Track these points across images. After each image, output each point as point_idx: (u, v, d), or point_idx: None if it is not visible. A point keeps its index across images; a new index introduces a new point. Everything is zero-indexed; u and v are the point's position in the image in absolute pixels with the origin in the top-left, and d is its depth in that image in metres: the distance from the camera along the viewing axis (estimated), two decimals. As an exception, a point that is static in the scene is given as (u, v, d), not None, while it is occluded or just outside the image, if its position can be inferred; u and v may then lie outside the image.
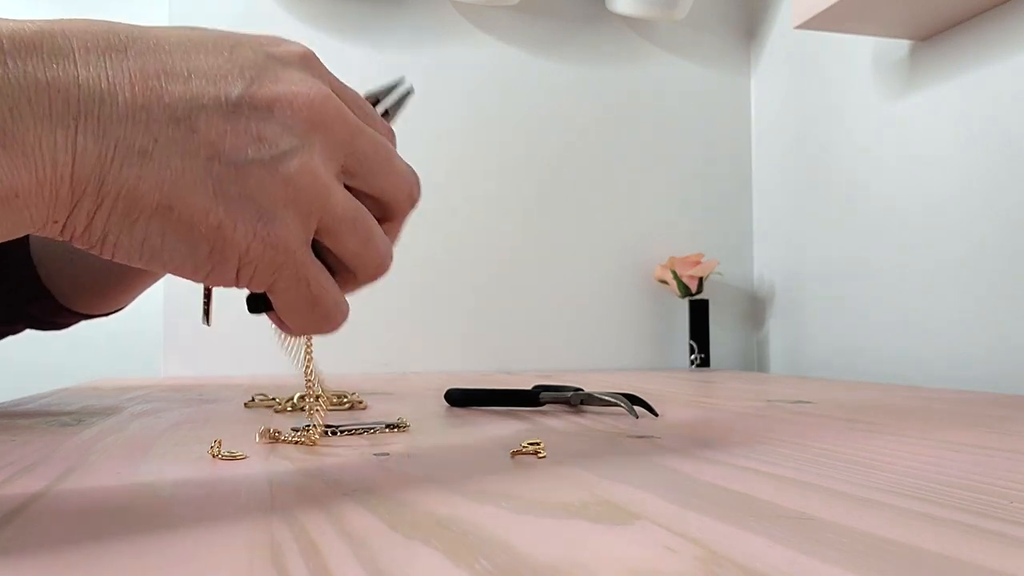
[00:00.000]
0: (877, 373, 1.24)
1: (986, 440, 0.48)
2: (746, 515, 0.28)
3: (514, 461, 0.40)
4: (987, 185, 1.06)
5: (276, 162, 0.30)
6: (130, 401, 0.78)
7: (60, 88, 0.27)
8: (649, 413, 0.60)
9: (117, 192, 0.28)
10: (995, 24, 1.05)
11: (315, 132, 0.31)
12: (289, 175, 0.30)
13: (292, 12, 1.42)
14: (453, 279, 1.46)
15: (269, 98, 0.30)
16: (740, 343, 1.60)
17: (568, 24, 1.54)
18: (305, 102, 0.31)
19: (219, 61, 0.31)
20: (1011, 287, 1.02)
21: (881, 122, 1.25)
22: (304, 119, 0.31)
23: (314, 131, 0.31)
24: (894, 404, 0.71)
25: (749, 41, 1.63)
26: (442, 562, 0.23)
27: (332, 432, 0.50)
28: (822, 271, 1.39)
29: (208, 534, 0.26)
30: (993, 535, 0.25)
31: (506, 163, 1.50)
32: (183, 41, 0.31)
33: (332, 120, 0.32)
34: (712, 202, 1.60)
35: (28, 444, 0.47)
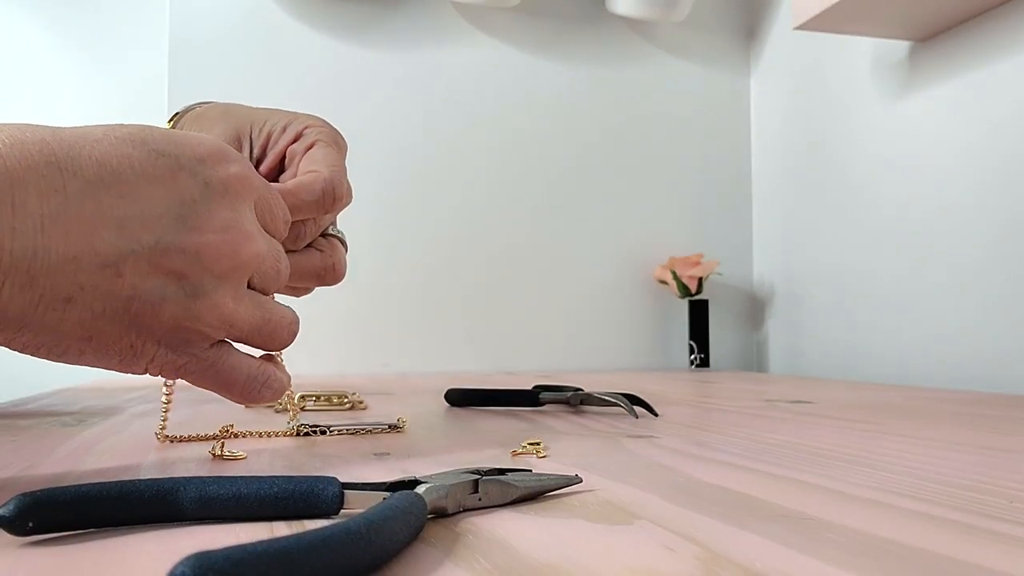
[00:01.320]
0: (877, 373, 1.24)
1: (986, 440, 0.48)
2: (746, 515, 0.28)
3: (514, 461, 0.40)
4: (987, 185, 1.06)
5: (190, 299, 0.32)
6: (131, 401, 0.78)
7: None
8: (649, 413, 0.60)
9: (37, 331, 0.29)
10: (995, 24, 1.05)
11: (232, 272, 0.33)
12: (200, 312, 0.32)
13: (292, 13, 1.42)
14: (453, 279, 1.46)
15: (197, 245, 0.31)
16: (740, 343, 1.60)
17: (568, 25, 1.54)
18: (230, 249, 0.33)
19: (156, 194, 0.31)
20: (1011, 287, 1.02)
21: (881, 122, 1.25)
22: (226, 264, 0.32)
23: (232, 271, 0.33)
24: (894, 404, 0.71)
25: (749, 41, 1.63)
26: (442, 561, 0.23)
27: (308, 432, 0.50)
28: (822, 271, 1.39)
29: (209, 533, 0.26)
30: (993, 535, 0.25)
31: (506, 164, 1.50)
32: (123, 167, 0.30)
33: (246, 261, 0.34)
34: (712, 202, 1.60)
35: (28, 444, 0.47)
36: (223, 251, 0.32)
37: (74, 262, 0.28)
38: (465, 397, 0.70)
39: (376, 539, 0.21)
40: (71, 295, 0.29)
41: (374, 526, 0.21)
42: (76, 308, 0.29)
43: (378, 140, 1.44)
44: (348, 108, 1.43)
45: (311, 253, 0.45)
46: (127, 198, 0.30)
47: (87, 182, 0.29)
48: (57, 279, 0.28)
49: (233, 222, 0.33)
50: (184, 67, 1.37)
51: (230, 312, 0.33)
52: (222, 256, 0.32)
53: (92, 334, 0.30)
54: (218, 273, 0.32)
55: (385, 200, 1.43)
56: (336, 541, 0.19)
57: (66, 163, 0.29)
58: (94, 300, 0.29)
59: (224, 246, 0.32)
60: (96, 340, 0.30)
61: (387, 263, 1.42)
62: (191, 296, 0.32)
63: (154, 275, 0.30)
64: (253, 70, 1.39)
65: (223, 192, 0.33)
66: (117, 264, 0.29)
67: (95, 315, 0.30)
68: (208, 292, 0.32)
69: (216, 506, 0.27)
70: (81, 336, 0.30)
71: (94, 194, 0.29)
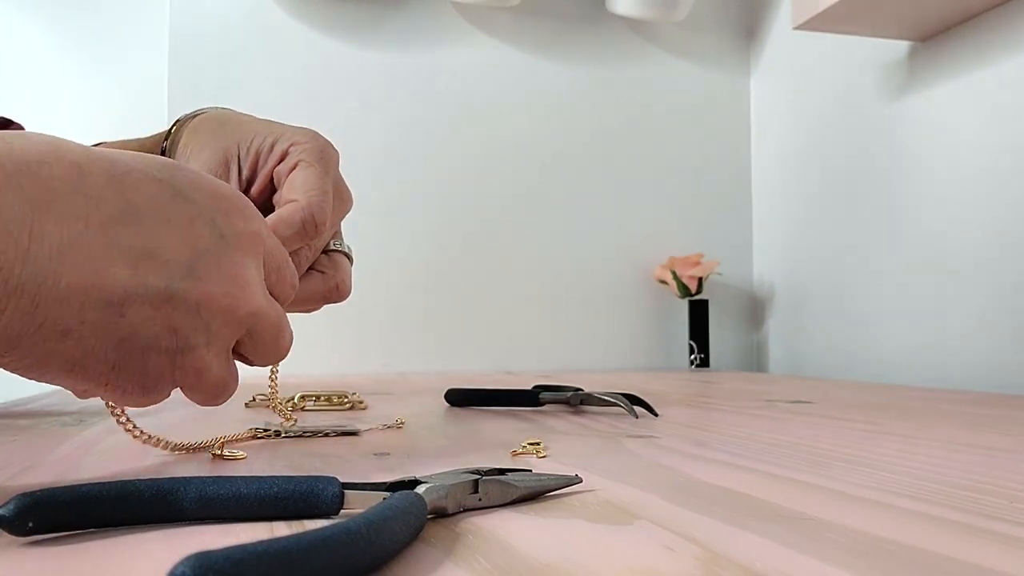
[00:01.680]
0: (877, 373, 1.24)
1: (986, 440, 0.48)
2: (746, 515, 0.28)
3: (514, 461, 0.40)
4: (987, 185, 1.06)
5: (176, 353, 0.31)
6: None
7: (3, 265, 0.26)
8: (649, 413, 0.60)
9: (23, 355, 0.29)
10: (995, 24, 1.05)
11: (224, 327, 0.33)
12: (183, 367, 0.32)
13: (292, 13, 1.42)
14: (453, 279, 1.46)
15: (199, 297, 0.31)
16: (740, 343, 1.60)
17: (568, 25, 1.54)
18: (230, 306, 0.32)
19: (172, 240, 0.31)
20: (1011, 287, 1.02)
21: (880, 122, 1.25)
22: (221, 321, 0.32)
23: (224, 327, 0.33)
24: (894, 404, 0.71)
25: (749, 41, 1.63)
26: (442, 561, 0.23)
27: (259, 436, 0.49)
28: (822, 271, 1.39)
29: (209, 534, 0.26)
30: (993, 535, 0.25)
31: (506, 163, 1.50)
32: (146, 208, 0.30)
33: (242, 317, 0.33)
34: (712, 202, 1.60)
35: (28, 444, 0.47)
36: (223, 304, 0.32)
37: (82, 294, 0.28)
38: (465, 397, 0.70)
39: (376, 539, 0.21)
40: (70, 328, 0.28)
41: (374, 526, 0.21)
42: (71, 342, 0.29)
43: (377, 140, 1.44)
44: (348, 108, 1.43)
45: (313, 276, 0.45)
46: (144, 237, 0.30)
47: (109, 216, 0.29)
48: (62, 310, 0.28)
49: (238, 277, 0.33)
50: (184, 67, 1.37)
51: (204, 370, 0.33)
52: (221, 310, 0.32)
53: (75, 368, 0.30)
54: (212, 328, 0.32)
55: (385, 200, 1.43)
56: (336, 541, 0.19)
57: (93, 191, 0.29)
58: (91, 336, 0.29)
59: (225, 299, 0.32)
60: (77, 371, 0.30)
61: (387, 263, 1.42)
62: (178, 351, 0.31)
63: (153, 322, 0.30)
64: (253, 70, 1.39)
65: (236, 246, 0.33)
66: (122, 304, 0.29)
67: (85, 351, 0.29)
68: (195, 348, 0.32)
69: (216, 506, 0.27)
70: (64, 368, 0.30)
71: (115, 228, 0.29)
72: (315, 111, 1.38)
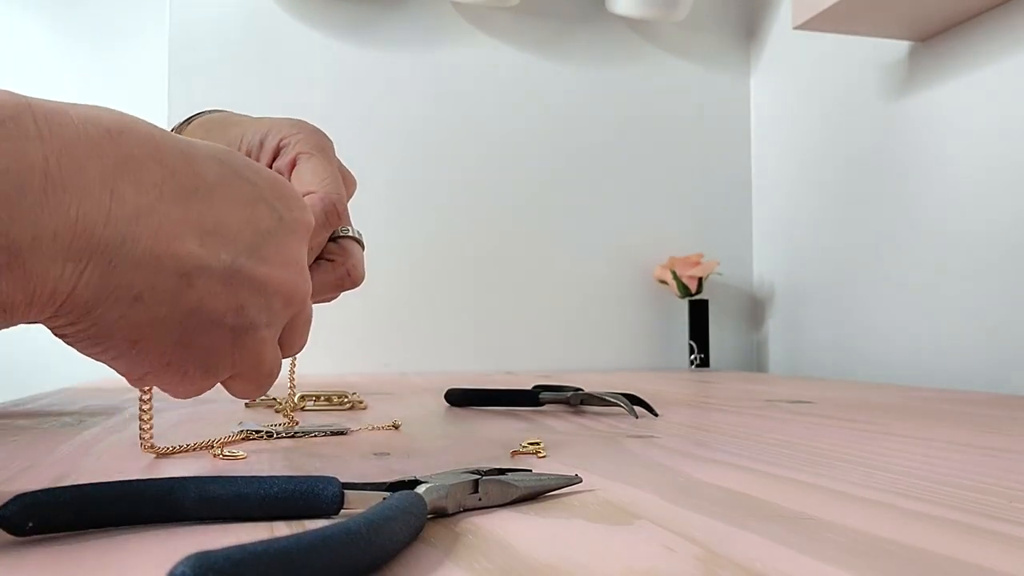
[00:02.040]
0: (877, 373, 1.24)
1: (986, 440, 0.48)
2: (746, 515, 0.28)
3: (514, 461, 0.40)
4: (987, 185, 1.06)
5: (240, 332, 0.32)
6: (130, 401, 0.78)
7: (88, 225, 0.26)
8: (649, 413, 0.60)
9: (95, 323, 0.29)
10: (995, 24, 1.05)
11: (284, 311, 0.33)
12: (244, 346, 0.32)
13: (292, 13, 1.42)
14: (453, 279, 1.46)
15: (264, 277, 0.32)
16: (740, 343, 1.60)
17: (568, 25, 1.54)
18: (291, 289, 0.33)
19: (239, 218, 0.31)
20: (1011, 287, 1.02)
21: (880, 122, 1.25)
22: (283, 303, 0.33)
23: (283, 309, 0.33)
24: (894, 404, 0.71)
25: (749, 41, 1.63)
26: (442, 561, 0.23)
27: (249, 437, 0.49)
28: (822, 271, 1.39)
29: (209, 534, 0.26)
30: (993, 535, 0.25)
31: (505, 163, 1.50)
32: (216, 184, 0.31)
33: (299, 301, 0.34)
34: (712, 202, 1.60)
35: (28, 444, 0.47)
36: (285, 287, 0.33)
37: (156, 260, 0.28)
38: (465, 397, 0.70)
39: (376, 539, 0.21)
40: (141, 293, 0.28)
41: (374, 526, 0.21)
42: (140, 308, 0.29)
43: (377, 140, 1.44)
44: (347, 108, 1.43)
45: (322, 265, 0.44)
46: (213, 213, 0.30)
47: (183, 187, 0.29)
48: (136, 274, 0.28)
49: (297, 261, 0.34)
50: (184, 67, 1.37)
51: (263, 352, 0.33)
52: (282, 292, 0.33)
53: (140, 339, 0.30)
54: (274, 309, 0.33)
55: (384, 199, 1.43)
56: (336, 541, 0.19)
57: (169, 161, 0.29)
58: (160, 304, 0.29)
59: (286, 283, 0.33)
60: (140, 347, 0.30)
61: (387, 263, 1.42)
62: (242, 330, 0.32)
63: (220, 297, 0.30)
64: (253, 70, 1.39)
65: (293, 231, 0.34)
66: (191, 274, 0.29)
67: (153, 320, 0.29)
68: (258, 328, 0.32)
69: (216, 506, 0.27)
70: (130, 338, 0.29)
71: (187, 200, 0.29)
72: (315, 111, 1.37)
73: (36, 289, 0.26)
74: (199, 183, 0.30)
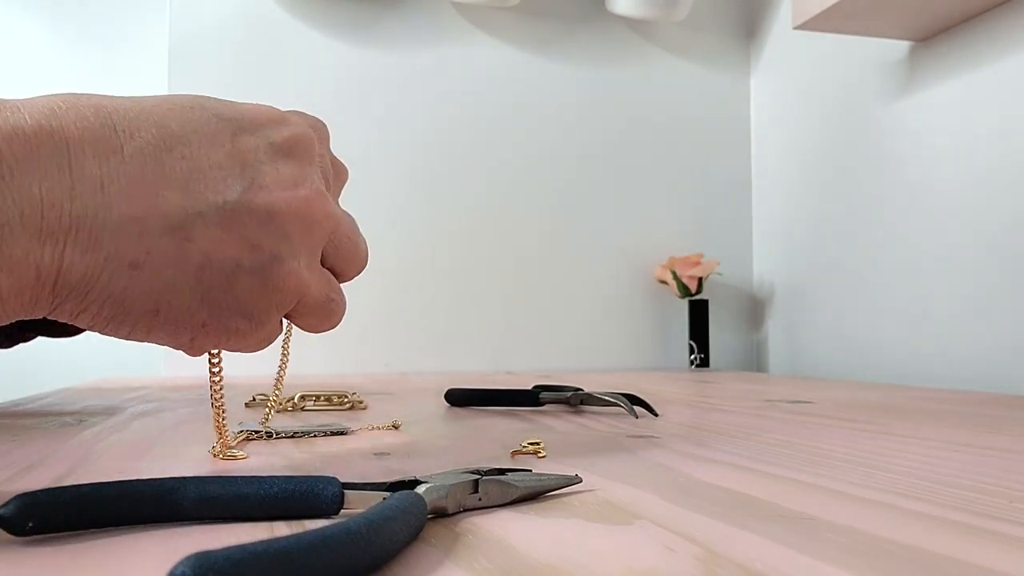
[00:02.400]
0: (877, 373, 1.24)
1: (986, 440, 0.48)
2: (746, 515, 0.28)
3: (514, 461, 0.40)
4: (987, 185, 1.06)
5: (265, 270, 0.30)
6: (131, 401, 0.78)
7: (54, 202, 0.26)
8: (649, 413, 0.60)
9: (103, 301, 0.28)
10: (995, 24, 1.05)
11: (306, 234, 0.32)
12: (276, 282, 0.31)
13: (292, 12, 1.42)
14: (453, 279, 1.46)
15: (267, 204, 0.30)
16: (740, 343, 1.60)
17: (568, 24, 1.54)
18: (301, 207, 0.31)
19: (219, 156, 0.30)
20: (1011, 287, 1.02)
21: (881, 122, 1.25)
22: (298, 224, 0.31)
23: (305, 233, 0.32)
24: (894, 404, 0.71)
25: (749, 41, 1.63)
26: (442, 561, 0.23)
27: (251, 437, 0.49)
28: (822, 271, 1.39)
29: (209, 533, 0.26)
30: (993, 535, 0.25)
31: (505, 164, 1.50)
32: (184, 130, 0.30)
33: (320, 220, 0.32)
34: (712, 202, 1.60)
35: (28, 444, 0.47)
36: (294, 208, 0.31)
37: (139, 223, 0.27)
38: (465, 397, 0.70)
39: (376, 539, 0.21)
40: (137, 260, 0.28)
41: (374, 526, 0.21)
42: (144, 276, 0.28)
43: (377, 140, 1.44)
44: (347, 108, 1.43)
45: None
46: (189, 159, 0.29)
47: (146, 143, 0.28)
48: (122, 241, 0.27)
49: (302, 179, 0.32)
50: (184, 67, 1.37)
51: (300, 283, 0.32)
52: (294, 214, 0.31)
53: (160, 307, 0.29)
54: (293, 236, 0.31)
55: (384, 199, 1.43)
56: (336, 541, 0.19)
57: (123, 125, 0.28)
58: (163, 267, 0.28)
59: (295, 202, 0.31)
60: (164, 314, 0.29)
61: (387, 263, 1.42)
62: (266, 267, 0.30)
63: (227, 243, 0.29)
64: (253, 70, 1.39)
65: (288, 152, 0.32)
66: (185, 227, 0.28)
67: (165, 285, 0.28)
68: (282, 260, 0.31)
69: (216, 506, 0.27)
70: (149, 309, 0.28)
71: (155, 155, 0.28)
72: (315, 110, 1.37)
73: (20, 276, 0.26)
74: (165, 135, 0.29)
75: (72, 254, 0.27)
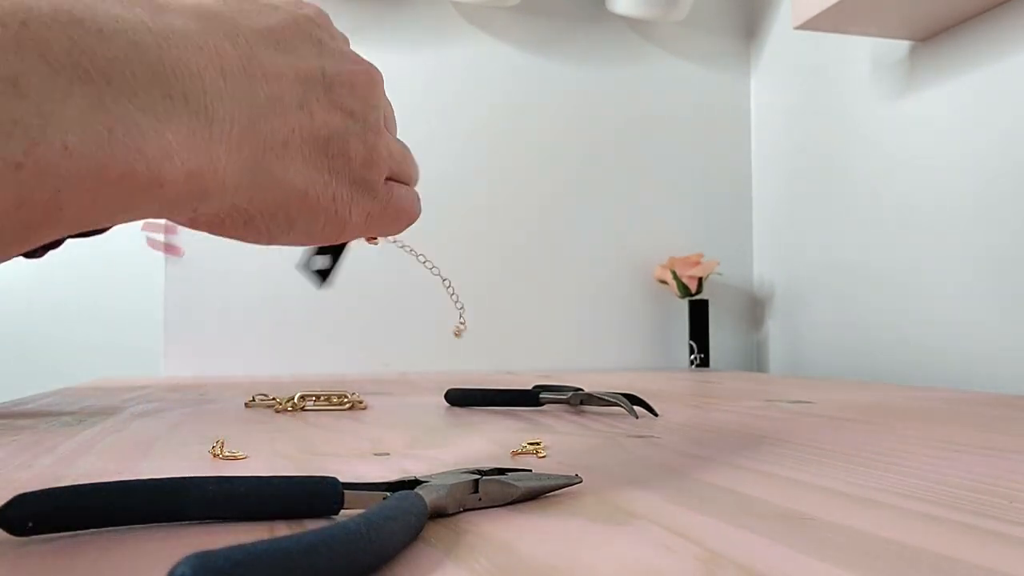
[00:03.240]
0: (877, 373, 1.24)
1: (986, 440, 0.48)
2: (746, 515, 0.28)
3: (514, 461, 0.40)
4: (987, 185, 1.06)
5: (365, 132, 0.32)
6: (130, 401, 0.78)
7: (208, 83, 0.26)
8: (649, 413, 0.60)
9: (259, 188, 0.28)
10: (995, 24, 1.05)
11: (378, 102, 0.34)
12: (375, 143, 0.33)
13: (292, 12, 1.42)
14: (453, 279, 1.46)
15: (348, 74, 0.32)
16: (740, 343, 1.60)
17: (568, 24, 1.54)
18: (368, 77, 0.33)
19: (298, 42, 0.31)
20: (1011, 287, 1.02)
21: (881, 122, 1.25)
22: (373, 92, 0.33)
23: (378, 101, 0.34)
24: (894, 404, 0.71)
25: (749, 41, 1.63)
26: (442, 561, 0.23)
27: None
28: (822, 271, 1.39)
29: (209, 534, 0.26)
30: (993, 535, 0.25)
31: (505, 164, 1.50)
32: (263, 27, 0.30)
33: (381, 93, 0.35)
34: (712, 202, 1.60)
35: (28, 444, 0.47)
36: (366, 78, 0.33)
37: (279, 103, 0.29)
38: (465, 397, 0.70)
39: (376, 539, 0.21)
40: (287, 138, 0.29)
41: (374, 526, 0.21)
42: (292, 153, 0.29)
43: (378, 140, 1.44)
44: (348, 108, 1.43)
45: None
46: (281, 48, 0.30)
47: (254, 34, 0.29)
48: (273, 121, 0.28)
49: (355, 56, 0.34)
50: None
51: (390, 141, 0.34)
52: (367, 83, 0.33)
53: (308, 186, 0.30)
54: (372, 102, 0.33)
55: (385, 200, 1.43)
56: (336, 541, 0.19)
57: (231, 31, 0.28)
58: (302, 143, 0.29)
59: (364, 74, 0.33)
60: (310, 195, 0.30)
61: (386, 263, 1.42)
62: (365, 129, 0.32)
63: (333, 112, 0.31)
64: (253, 70, 1.39)
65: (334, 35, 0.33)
66: (304, 104, 0.30)
67: (305, 160, 0.30)
68: (373, 124, 0.33)
69: (216, 506, 0.27)
70: (299, 190, 0.30)
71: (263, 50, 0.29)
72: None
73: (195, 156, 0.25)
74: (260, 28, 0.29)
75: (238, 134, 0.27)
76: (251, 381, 1.09)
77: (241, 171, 0.27)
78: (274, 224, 0.30)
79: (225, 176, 0.27)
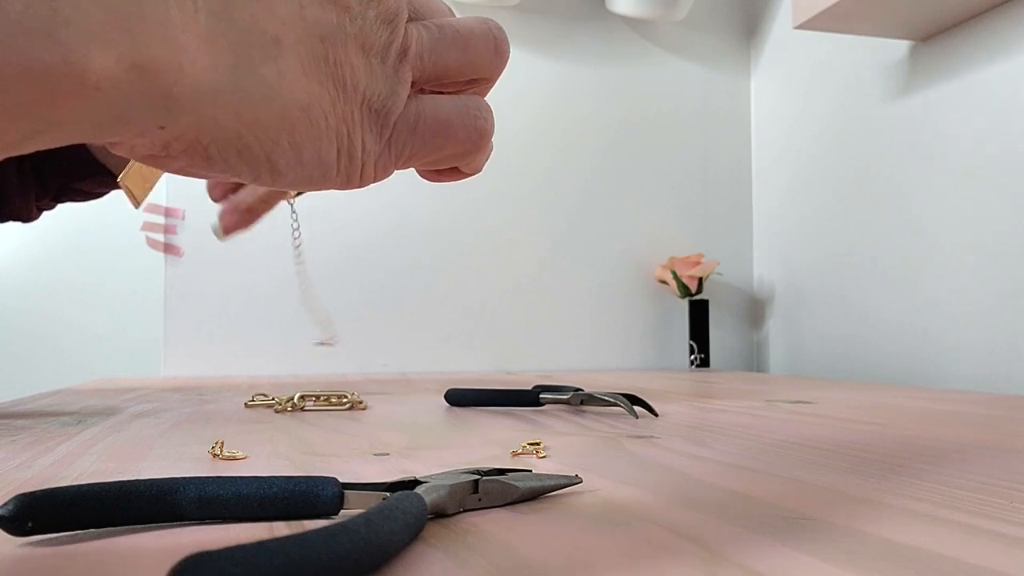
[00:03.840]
0: (877, 373, 1.24)
1: (986, 440, 0.48)
2: (746, 515, 0.28)
3: (514, 461, 0.40)
4: (987, 185, 1.06)
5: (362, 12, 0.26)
6: (130, 401, 0.78)
7: None
8: (649, 413, 0.60)
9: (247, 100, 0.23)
10: (995, 24, 1.05)
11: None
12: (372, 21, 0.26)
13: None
14: (453, 279, 1.46)
15: None
16: (740, 343, 1.60)
17: (568, 24, 1.54)
18: None
19: None
20: (1011, 287, 1.02)
21: (881, 122, 1.25)
22: None
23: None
24: (894, 404, 0.71)
25: (749, 41, 1.63)
26: (442, 561, 0.23)
27: None
28: (822, 271, 1.39)
29: (209, 534, 0.26)
30: (994, 535, 0.25)
31: (505, 164, 1.50)
32: None
33: None
34: (712, 202, 1.60)
35: (28, 444, 0.47)
36: None
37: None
38: (465, 397, 0.70)
39: (376, 539, 0.21)
40: (278, 35, 0.24)
41: (374, 526, 0.21)
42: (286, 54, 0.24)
43: (378, 140, 1.44)
44: (348, 108, 1.43)
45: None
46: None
47: None
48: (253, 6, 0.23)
49: None
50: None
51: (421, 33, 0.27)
52: None
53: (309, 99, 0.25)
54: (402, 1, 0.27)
55: (383, 199, 1.43)
56: (336, 541, 0.19)
57: None
58: (297, 43, 0.24)
59: None
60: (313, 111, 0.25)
61: (386, 263, 1.42)
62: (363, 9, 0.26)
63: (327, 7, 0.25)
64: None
65: None
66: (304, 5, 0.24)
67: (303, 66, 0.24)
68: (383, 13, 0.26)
69: (216, 506, 0.27)
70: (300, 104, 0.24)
71: None
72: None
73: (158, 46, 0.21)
74: None
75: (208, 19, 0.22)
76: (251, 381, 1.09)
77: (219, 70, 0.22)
78: (277, 151, 0.25)
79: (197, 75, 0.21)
